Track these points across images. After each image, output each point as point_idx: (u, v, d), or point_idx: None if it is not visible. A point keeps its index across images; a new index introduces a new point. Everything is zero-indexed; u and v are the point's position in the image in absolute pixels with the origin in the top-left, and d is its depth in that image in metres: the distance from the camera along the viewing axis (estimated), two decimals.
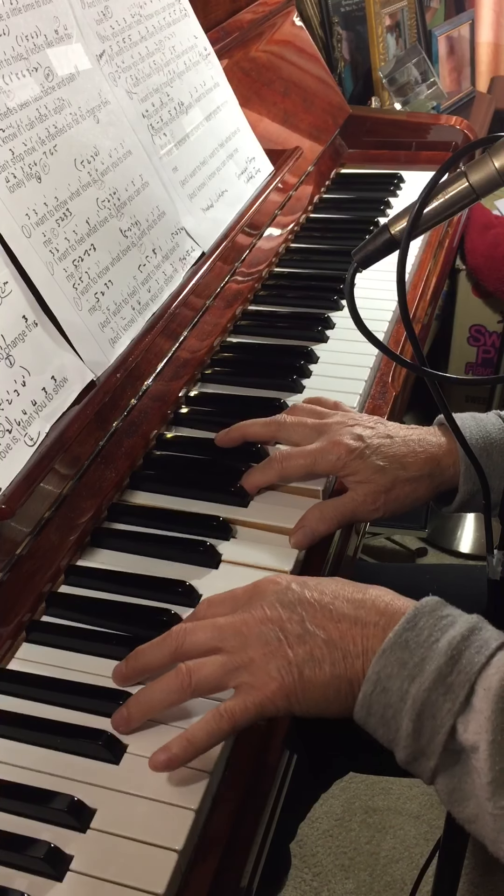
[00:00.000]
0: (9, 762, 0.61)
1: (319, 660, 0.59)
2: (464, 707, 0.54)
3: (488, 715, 0.52)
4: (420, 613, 0.58)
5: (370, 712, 0.57)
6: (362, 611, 0.60)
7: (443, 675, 0.55)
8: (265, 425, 0.86)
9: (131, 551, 0.78)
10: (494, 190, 0.68)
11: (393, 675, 0.56)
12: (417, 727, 0.55)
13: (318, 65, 1.61)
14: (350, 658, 0.58)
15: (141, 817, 0.57)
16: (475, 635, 0.56)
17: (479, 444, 0.82)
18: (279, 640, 0.60)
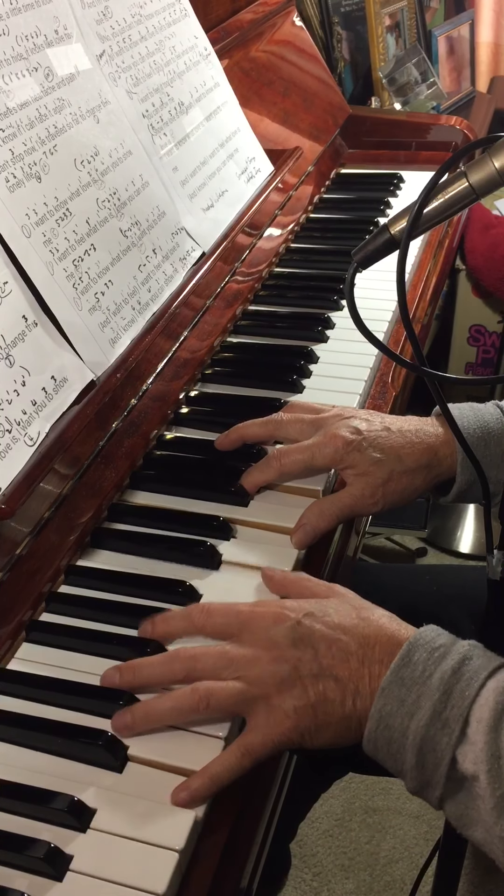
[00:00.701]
0: (9, 762, 0.61)
1: (332, 700, 0.60)
2: (461, 739, 0.56)
3: (482, 746, 0.55)
4: (414, 648, 0.60)
5: (377, 747, 0.60)
6: (368, 650, 0.61)
7: (437, 710, 0.57)
8: (263, 425, 0.86)
9: (131, 551, 0.78)
10: (494, 190, 0.68)
11: (393, 712, 0.58)
12: (420, 760, 0.57)
13: (318, 65, 1.61)
14: (360, 698, 0.60)
15: (141, 817, 0.57)
16: (465, 667, 0.58)
17: (477, 433, 0.82)
18: (294, 679, 0.61)
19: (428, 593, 0.97)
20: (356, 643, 0.62)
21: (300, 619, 0.63)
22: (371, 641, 0.62)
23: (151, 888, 0.53)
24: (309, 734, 0.61)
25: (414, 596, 0.98)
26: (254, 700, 0.61)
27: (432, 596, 0.97)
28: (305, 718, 0.60)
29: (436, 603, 0.95)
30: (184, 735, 0.62)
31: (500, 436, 0.83)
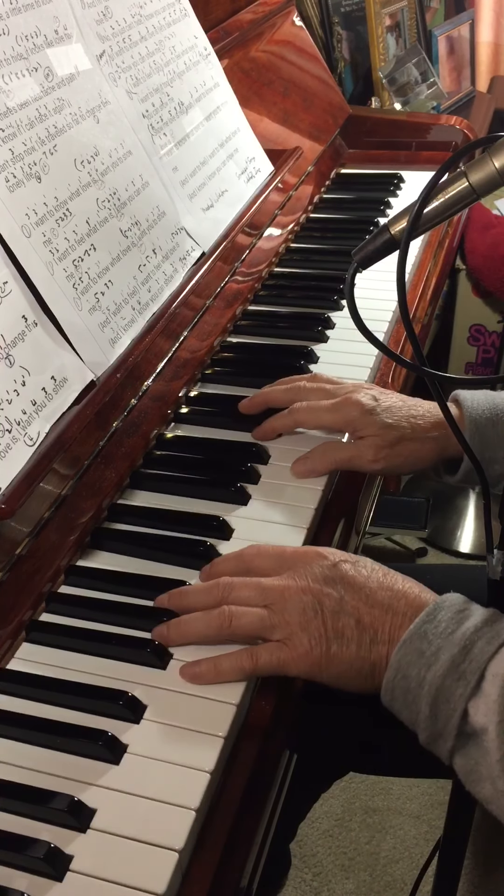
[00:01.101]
0: (9, 762, 0.61)
1: (349, 638, 0.64)
2: (475, 692, 0.58)
3: (495, 699, 0.56)
4: (440, 607, 0.63)
5: (394, 696, 0.62)
6: (395, 601, 0.65)
7: (456, 663, 0.59)
8: (286, 391, 0.91)
9: (131, 551, 0.78)
10: (494, 190, 0.68)
11: (412, 663, 0.61)
12: (434, 711, 0.59)
13: (318, 65, 1.61)
14: (376, 643, 0.63)
15: (141, 817, 0.57)
16: (488, 627, 0.60)
17: (486, 414, 0.85)
18: (316, 611, 0.64)
19: None
20: (384, 594, 0.65)
21: (337, 562, 0.67)
22: (399, 595, 0.65)
23: (151, 888, 0.54)
24: (318, 667, 0.64)
25: None
26: (273, 627, 0.65)
27: None
28: (318, 649, 0.64)
29: None
30: (183, 733, 0.62)
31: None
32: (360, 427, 0.84)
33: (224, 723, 0.63)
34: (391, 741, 0.93)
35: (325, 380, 0.91)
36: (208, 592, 0.69)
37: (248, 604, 0.66)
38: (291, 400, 0.89)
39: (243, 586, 0.67)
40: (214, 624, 0.66)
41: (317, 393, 0.89)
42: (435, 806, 1.64)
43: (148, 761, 0.61)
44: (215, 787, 0.60)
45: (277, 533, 0.80)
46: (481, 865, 1.52)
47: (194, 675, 0.65)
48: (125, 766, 0.61)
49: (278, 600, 0.66)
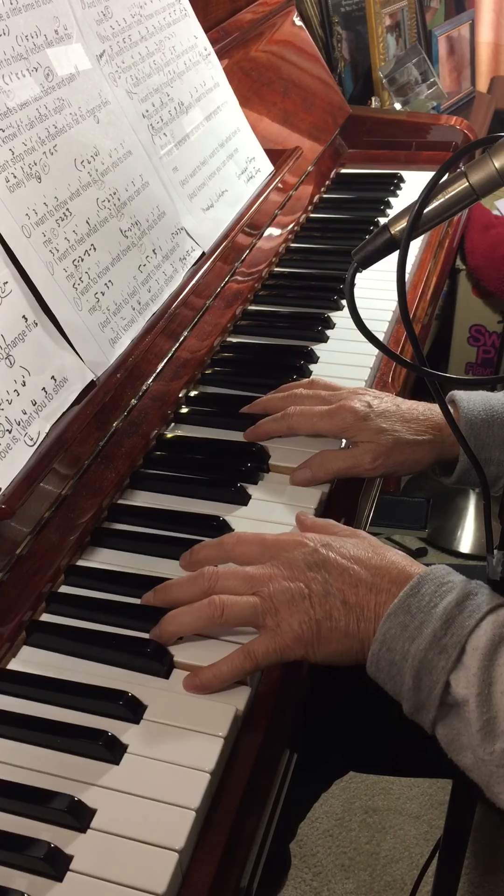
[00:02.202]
0: (9, 762, 0.61)
1: (337, 619, 0.65)
2: (455, 665, 0.60)
3: (475, 671, 0.59)
4: (423, 581, 0.64)
5: (378, 668, 0.64)
6: (378, 578, 0.66)
7: (437, 636, 0.61)
8: (283, 398, 0.91)
9: (131, 551, 0.78)
10: (494, 190, 0.68)
11: (396, 636, 0.62)
12: (416, 683, 0.61)
13: (318, 65, 1.61)
14: (363, 621, 0.65)
15: (141, 817, 0.57)
16: (469, 601, 0.62)
17: (482, 415, 0.86)
18: (304, 596, 0.66)
19: None
20: (367, 572, 0.66)
21: (317, 547, 0.68)
22: (381, 572, 0.66)
23: (151, 888, 0.53)
24: (311, 647, 0.65)
25: None
26: (265, 613, 0.66)
27: None
28: (308, 633, 0.65)
29: None
30: (183, 733, 0.62)
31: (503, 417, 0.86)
32: (354, 433, 0.85)
33: (224, 723, 0.63)
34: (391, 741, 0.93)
35: (322, 385, 0.92)
36: (193, 583, 0.69)
37: (236, 593, 0.67)
38: (288, 404, 0.90)
39: (230, 576, 0.68)
40: (205, 614, 0.67)
41: (312, 399, 0.89)
42: (435, 806, 1.64)
43: (148, 761, 0.61)
44: (215, 787, 0.60)
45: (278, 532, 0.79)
46: (481, 865, 1.52)
47: (198, 686, 0.65)
48: (125, 766, 0.61)
49: (266, 588, 0.66)
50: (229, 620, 0.66)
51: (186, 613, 0.68)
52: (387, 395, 0.90)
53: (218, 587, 0.68)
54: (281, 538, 0.71)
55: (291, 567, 0.67)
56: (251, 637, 0.67)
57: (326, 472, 0.85)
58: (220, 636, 0.69)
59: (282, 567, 0.68)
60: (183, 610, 0.68)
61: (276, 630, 0.65)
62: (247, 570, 0.68)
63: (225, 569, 0.69)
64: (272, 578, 0.67)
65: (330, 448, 0.87)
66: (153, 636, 0.68)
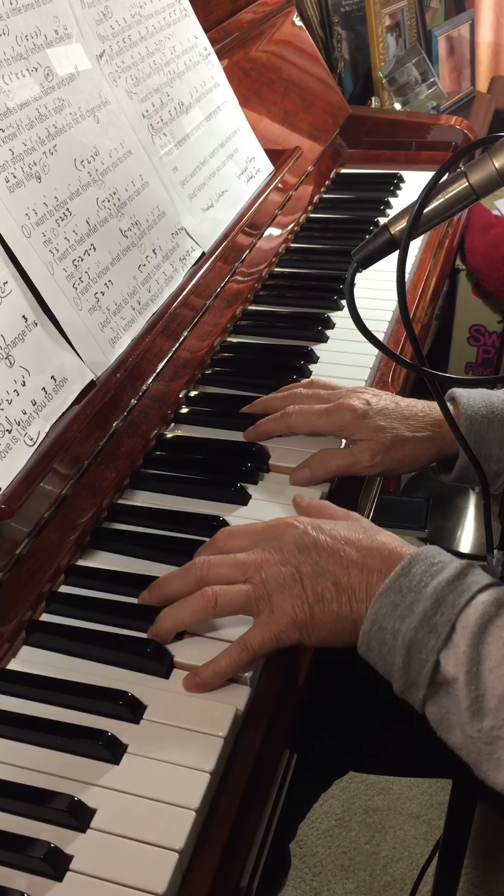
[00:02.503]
0: (9, 762, 0.61)
1: (329, 600, 0.65)
2: (445, 643, 0.60)
3: (464, 649, 0.59)
4: (414, 561, 0.64)
5: (369, 647, 0.64)
6: (369, 559, 0.66)
7: (428, 616, 0.61)
8: (283, 398, 0.91)
9: (131, 551, 0.78)
10: (494, 190, 0.68)
11: (387, 615, 0.63)
12: (407, 661, 0.61)
13: (318, 65, 1.61)
14: (355, 602, 0.65)
15: (141, 817, 0.57)
16: (459, 580, 0.62)
17: (482, 412, 0.86)
18: (295, 579, 0.66)
19: None
20: (357, 553, 0.66)
21: (307, 529, 0.68)
22: (373, 553, 0.67)
23: (151, 888, 0.53)
24: (306, 630, 0.65)
25: None
26: (258, 600, 0.66)
27: None
28: (302, 615, 0.65)
29: None
30: (183, 733, 0.62)
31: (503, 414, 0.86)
32: (353, 431, 0.85)
33: (224, 723, 0.63)
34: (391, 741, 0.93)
35: (322, 385, 0.92)
36: (186, 575, 0.69)
37: (228, 581, 0.67)
38: (288, 404, 0.90)
39: (220, 564, 0.68)
40: (199, 606, 0.67)
41: (311, 398, 0.90)
42: (435, 806, 1.64)
43: (148, 761, 0.61)
44: (215, 787, 0.60)
45: None
46: (481, 865, 1.52)
47: (198, 685, 0.65)
48: (125, 766, 0.61)
49: (257, 573, 0.67)
50: (223, 610, 0.67)
51: (180, 608, 0.68)
52: (386, 393, 0.90)
53: (210, 577, 0.68)
54: (270, 524, 0.71)
55: (282, 551, 0.68)
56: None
57: (326, 471, 0.85)
58: (218, 633, 0.69)
59: (272, 551, 0.68)
60: (177, 605, 0.68)
61: (270, 616, 0.66)
62: (238, 556, 0.68)
63: (216, 558, 0.69)
64: (263, 564, 0.67)
65: (329, 447, 0.87)
66: (150, 635, 0.69)
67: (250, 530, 0.71)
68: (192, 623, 0.68)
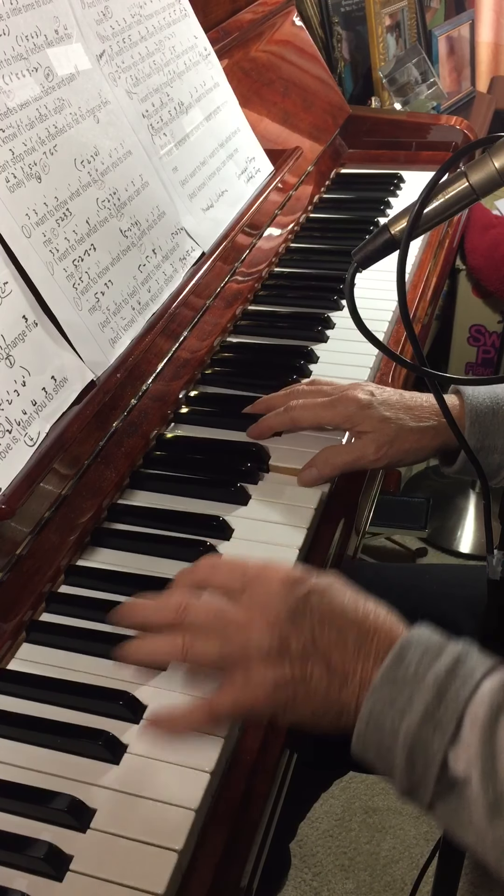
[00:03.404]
0: (9, 762, 0.61)
1: (317, 682, 0.59)
2: (453, 740, 0.54)
3: (477, 747, 0.53)
4: (406, 647, 0.58)
5: (366, 748, 0.58)
6: (365, 641, 0.60)
7: (430, 710, 0.55)
8: (285, 396, 0.90)
9: (131, 551, 0.78)
10: (494, 190, 0.68)
11: (384, 712, 0.56)
12: (410, 762, 0.55)
13: (318, 65, 1.61)
14: (346, 689, 0.59)
15: (141, 817, 0.57)
16: (460, 667, 0.56)
17: (487, 402, 0.85)
18: (281, 653, 0.59)
19: (428, 593, 0.97)
20: (355, 632, 0.60)
21: (304, 594, 0.61)
22: (370, 634, 0.60)
23: (151, 888, 0.53)
24: (283, 710, 0.60)
25: (414, 595, 0.98)
26: (234, 663, 0.60)
27: (433, 596, 0.97)
28: (283, 695, 0.59)
29: (436, 603, 0.95)
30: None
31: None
32: (358, 422, 0.84)
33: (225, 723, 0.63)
34: None
35: (324, 383, 0.91)
36: (161, 610, 0.63)
37: (205, 632, 0.61)
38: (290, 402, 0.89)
39: (200, 611, 0.62)
40: (168, 651, 0.62)
41: (314, 393, 0.89)
42: None
43: (148, 761, 0.61)
44: (215, 787, 0.60)
45: (277, 532, 0.80)
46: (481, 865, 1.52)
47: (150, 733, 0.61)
48: (125, 766, 0.61)
49: (240, 634, 0.60)
50: (192, 662, 0.62)
51: (149, 647, 0.63)
52: (389, 387, 0.89)
53: (186, 622, 0.62)
54: (262, 571, 0.64)
55: (272, 613, 0.60)
56: None
57: (332, 468, 0.84)
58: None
59: (261, 611, 0.60)
60: (144, 643, 0.63)
61: (245, 683, 0.59)
62: (221, 608, 0.62)
63: (197, 603, 0.62)
64: (249, 623, 0.60)
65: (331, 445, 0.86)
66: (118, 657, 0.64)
67: (240, 568, 0.64)
68: (161, 662, 0.65)
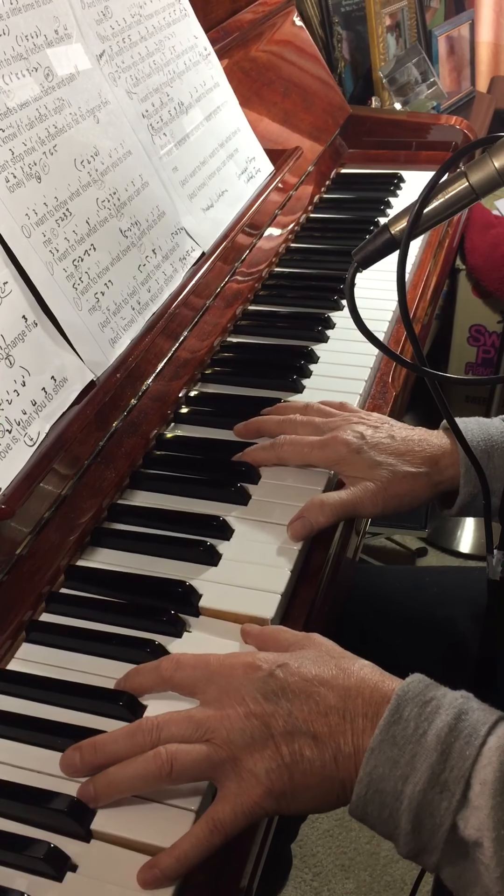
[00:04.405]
0: (9, 762, 0.61)
1: (310, 760, 0.56)
2: (461, 804, 0.52)
3: (488, 812, 0.51)
4: (403, 702, 0.56)
5: (366, 812, 0.55)
6: (349, 701, 0.57)
7: (436, 773, 0.53)
8: (278, 424, 0.88)
9: (131, 551, 0.78)
10: (494, 190, 0.68)
11: (385, 775, 0.54)
12: (416, 826, 0.53)
13: (318, 65, 1.61)
14: (342, 758, 0.56)
15: (141, 818, 0.57)
16: (462, 723, 0.54)
17: (481, 446, 0.83)
18: (265, 738, 0.56)
19: (428, 594, 0.97)
20: (335, 696, 0.57)
21: (273, 671, 0.59)
22: (353, 693, 0.57)
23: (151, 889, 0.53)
24: (285, 800, 0.56)
25: (414, 596, 0.98)
26: (222, 764, 0.56)
27: (433, 596, 0.97)
28: (279, 782, 0.55)
29: (436, 603, 0.95)
30: None
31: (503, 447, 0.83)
32: (347, 466, 0.81)
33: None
34: None
35: (317, 411, 0.88)
36: (131, 739, 0.58)
37: (186, 740, 0.57)
38: (283, 431, 0.87)
39: (171, 722, 0.58)
40: (152, 772, 0.56)
41: (306, 427, 0.86)
42: None
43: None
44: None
45: (277, 532, 0.79)
46: None
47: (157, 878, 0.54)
48: None
49: (219, 731, 0.57)
50: (181, 776, 0.56)
51: (127, 770, 0.57)
52: (381, 422, 0.86)
53: (162, 739, 0.57)
54: (225, 660, 0.61)
55: (244, 701, 0.57)
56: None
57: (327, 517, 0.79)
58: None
59: (233, 703, 0.57)
60: (123, 765, 0.57)
61: (239, 785, 0.56)
62: (191, 713, 0.58)
63: (167, 716, 0.59)
64: (224, 719, 0.57)
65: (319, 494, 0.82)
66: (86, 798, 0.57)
67: (203, 663, 0.61)
68: (139, 791, 0.57)
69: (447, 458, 0.83)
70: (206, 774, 0.57)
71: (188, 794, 0.58)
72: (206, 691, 0.60)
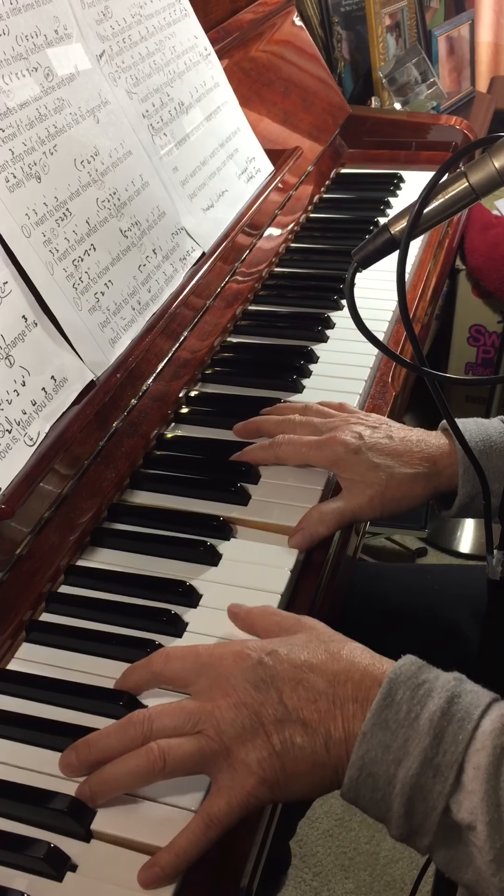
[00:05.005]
0: (9, 762, 0.61)
1: (301, 747, 0.56)
2: (455, 787, 0.52)
3: (481, 796, 0.51)
4: (395, 685, 0.55)
5: (358, 795, 0.55)
6: (339, 686, 0.57)
7: (428, 756, 0.53)
8: (277, 424, 0.88)
9: (131, 551, 0.78)
10: (494, 190, 0.68)
11: (377, 759, 0.54)
12: (409, 809, 0.53)
13: (318, 65, 1.61)
14: (332, 743, 0.56)
15: (141, 818, 0.57)
16: (455, 706, 0.54)
17: (480, 446, 0.83)
18: (255, 727, 0.56)
19: (428, 593, 0.97)
20: (325, 681, 0.57)
21: (262, 658, 0.58)
22: (342, 678, 0.57)
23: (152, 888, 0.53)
24: (278, 787, 0.56)
25: (414, 596, 0.98)
26: (214, 756, 0.56)
27: (433, 596, 0.97)
28: (271, 771, 0.55)
29: (436, 603, 0.95)
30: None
31: (501, 448, 0.83)
32: (345, 467, 0.81)
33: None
34: None
35: (316, 412, 0.88)
36: (123, 732, 0.58)
37: (175, 733, 0.57)
38: (282, 431, 0.87)
39: (162, 714, 0.58)
40: (144, 767, 0.56)
41: (304, 427, 0.86)
42: None
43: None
44: None
45: (278, 533, 0.79)
46: None
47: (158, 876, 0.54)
48: None
49: (209, 723, 0.57)
50: (174, 770, 0.56)
51: (119, 767, 0.57)
52: (380, 422, 0.86)
53: (154, 730, 0.57)
54: (215, 650, 0.61)
55: (235, 691, 0.57)
56: None
57: (327, 526, 0.79)
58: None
59: (223, 693, 0.57)
60: (115, 763, 0.57)
61: (232, 776, 0.56)
62: (182, 704, 0.58)
63: (157, 708, 0.59)
64: (215, 709, 0.57)
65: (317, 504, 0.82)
66: (84, 798, 0.58)
67: (192, 655, 0.61)
68: (134, 787, 0.58)
69: (446, 459, 0.83)
70: (199, 767, 0.57)
71: (188, 793, 0.58)
72: (196, 683, 0.60)
